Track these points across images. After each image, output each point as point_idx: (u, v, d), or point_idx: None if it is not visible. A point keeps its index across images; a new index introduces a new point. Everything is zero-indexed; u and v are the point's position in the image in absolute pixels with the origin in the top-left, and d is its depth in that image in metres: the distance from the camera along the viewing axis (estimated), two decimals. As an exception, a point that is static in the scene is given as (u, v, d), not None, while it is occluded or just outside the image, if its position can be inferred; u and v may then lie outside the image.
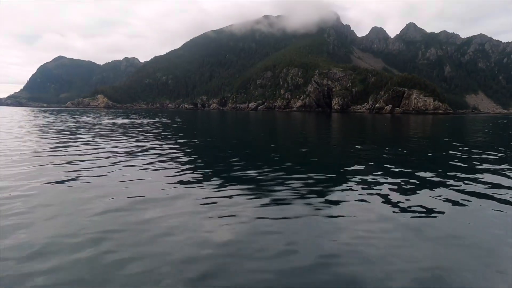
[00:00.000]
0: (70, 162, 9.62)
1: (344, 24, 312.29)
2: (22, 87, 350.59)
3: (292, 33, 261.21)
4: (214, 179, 7.76)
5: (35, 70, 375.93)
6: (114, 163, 9.48)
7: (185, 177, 7.91)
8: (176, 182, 7.42)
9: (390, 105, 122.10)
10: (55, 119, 37.27)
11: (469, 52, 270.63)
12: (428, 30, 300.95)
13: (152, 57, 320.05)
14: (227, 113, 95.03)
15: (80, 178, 7.61)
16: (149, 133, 21.10)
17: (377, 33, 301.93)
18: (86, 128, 23.81)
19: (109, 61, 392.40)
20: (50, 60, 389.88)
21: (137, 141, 15.82)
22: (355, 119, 57.93)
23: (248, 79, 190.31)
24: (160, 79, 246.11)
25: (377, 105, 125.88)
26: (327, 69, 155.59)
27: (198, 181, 7.50)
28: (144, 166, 9.14)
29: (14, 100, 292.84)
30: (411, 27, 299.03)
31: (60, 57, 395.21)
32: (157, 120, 40.99)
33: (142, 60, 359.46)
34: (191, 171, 8.66)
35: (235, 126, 32.89)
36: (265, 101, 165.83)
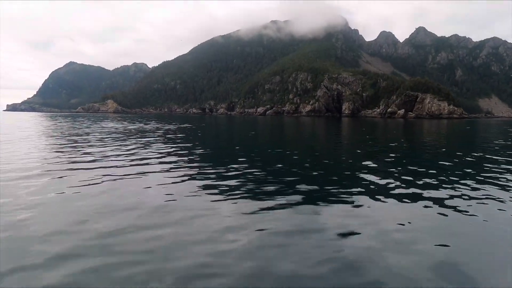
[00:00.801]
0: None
1: (352, 28, 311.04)
2: (35, 93, 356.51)
3: (300, 38, 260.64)
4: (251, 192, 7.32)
5: (47, 76, 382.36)
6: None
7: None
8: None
9: (403, 110, 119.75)
10: (87, 125, 36.81)
11: (481, 55, 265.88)
12: (439, 34, 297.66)
13: (160, 62, 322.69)
14: (236, 118, 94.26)
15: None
16: (188, 138, 20.11)
17: (386, 37, 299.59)
18: (122, 134, 22.94)
19: (118, 67, 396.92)
20: (62, 66, 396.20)
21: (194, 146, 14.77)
22: (367, 123, 56.34)
23: (256, 84, 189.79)
24: (168, 84, 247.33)
25: (389, 109, 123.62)
26: (337, 74, 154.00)
27: (243, 195, 7.04)
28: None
29: (27, 106, 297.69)
30: (420, 31, 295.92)
31: (71, 63, 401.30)
32: (186, 125, 40.14)
33: (150, 65, 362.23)
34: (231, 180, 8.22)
35: (249, 132, 31.78)
36: (274, 106, 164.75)
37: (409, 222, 5.39)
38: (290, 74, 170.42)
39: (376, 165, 10.34)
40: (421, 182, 8.10)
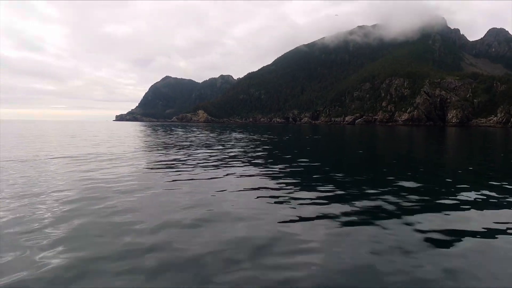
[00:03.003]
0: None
1: (452, 28, 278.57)
2: (137, 104, 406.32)
3: (390, 42, 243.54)
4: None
5: (147, 89, 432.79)
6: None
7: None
8: None
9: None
10: (217, 136, 38.23)
11: None
12: None
13: (245, 73, 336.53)
14: (323, 127, 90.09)
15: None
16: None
17: (496, 34, 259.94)
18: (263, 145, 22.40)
19: (206, 79, 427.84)
20: (159, 79, 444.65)
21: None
22: (490, 134, 46.91)
23: (343, 92, 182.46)
24: (253, 94, 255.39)
25: None
26: (439, 78, 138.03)
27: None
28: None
29: (131, 116, 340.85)
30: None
31: (166, 77, 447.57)
32: (287, 136, 39.00)
33: (235, 77, 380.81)
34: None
35: (356, 145, 28.26)
36: (364, 114, 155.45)
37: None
38: (382, 80, 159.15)
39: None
40: None
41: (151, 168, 10.94)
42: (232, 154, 15.83)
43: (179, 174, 9.67)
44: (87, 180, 8.56)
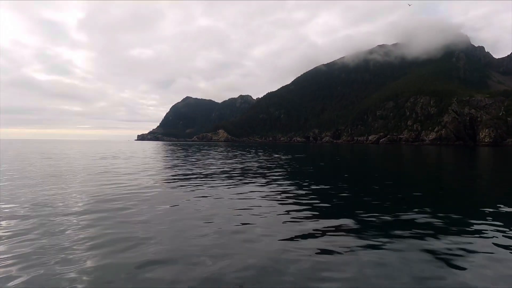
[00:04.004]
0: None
1: (476, 46, 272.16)
2: (158, 124, 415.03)
3: (412, 60, 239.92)
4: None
5: (168, 110, 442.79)
6: None
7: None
8: None
9: None
10: (248, 157, 36.84)
11: None
12: None
13: (263, 93, 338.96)
14: (345, 147, 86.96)
15: None
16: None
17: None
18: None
19: (226, 99, 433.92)
20: (180, 100, 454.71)
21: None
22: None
23: (365, 110, 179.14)
24: (273, 114, 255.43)
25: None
26: (468, 96, 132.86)
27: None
28: None
29: (152, 136, 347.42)
30: None
31: (187, 98, 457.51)
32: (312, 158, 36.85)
33: (254, 97, 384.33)
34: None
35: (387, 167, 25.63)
36: (388, 134, 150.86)
37: None
38: (407, 99, 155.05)
39: None
40: None
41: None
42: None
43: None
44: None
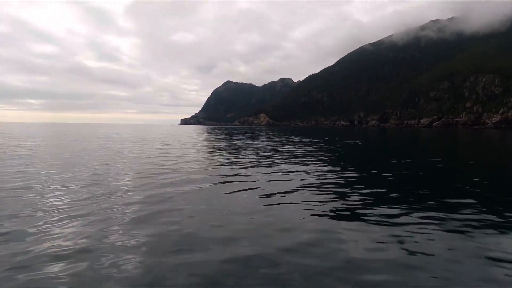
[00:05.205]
0: None
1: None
2: (200, 109, 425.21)
3: (471, 35, 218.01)
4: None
5: (209, 94, 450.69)
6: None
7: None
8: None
9: None
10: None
11: None
12: None
13: (304, 76, 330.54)
14: (395, 131, 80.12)
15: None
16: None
17: None
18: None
19: (266, 83, 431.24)
20: (221, 84, 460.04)
21: None
22: None
23: (416, 92, 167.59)
24: (315, 97, 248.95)
25: None
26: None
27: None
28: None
29: (195, 120, 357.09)
30: None
31: (227, 82, 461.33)
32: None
33: (295, 80, 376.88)
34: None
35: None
36: (442, 117, 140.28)
37: None
38: (465, 78, 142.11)
39: None
40: None
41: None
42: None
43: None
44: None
